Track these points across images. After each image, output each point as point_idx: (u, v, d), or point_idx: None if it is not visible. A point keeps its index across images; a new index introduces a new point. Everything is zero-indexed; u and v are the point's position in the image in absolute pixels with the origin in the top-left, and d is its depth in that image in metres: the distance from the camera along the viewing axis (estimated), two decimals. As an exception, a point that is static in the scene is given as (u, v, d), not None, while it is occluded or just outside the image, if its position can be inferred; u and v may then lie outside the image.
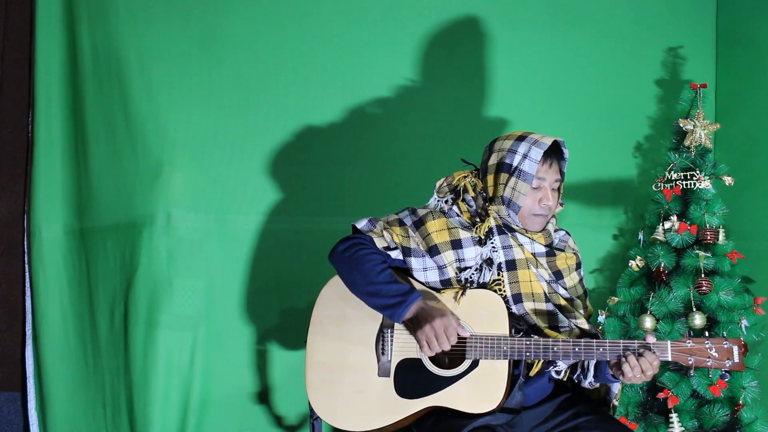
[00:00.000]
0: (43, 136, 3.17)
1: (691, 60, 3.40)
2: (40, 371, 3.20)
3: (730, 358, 2.13)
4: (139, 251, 3.06)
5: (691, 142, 3.03)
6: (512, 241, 2.34)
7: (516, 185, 2.27)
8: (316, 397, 2.30)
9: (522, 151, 2.27)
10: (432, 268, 2.32)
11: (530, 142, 2.27)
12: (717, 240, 2.97)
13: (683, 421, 2.87)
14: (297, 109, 3.19)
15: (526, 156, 2.26)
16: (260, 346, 3.13)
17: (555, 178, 2.31)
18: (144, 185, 3.08)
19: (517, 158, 2.27)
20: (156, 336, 3.02)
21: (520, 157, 2.26)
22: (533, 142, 2.26)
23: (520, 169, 2.26)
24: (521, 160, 2.26)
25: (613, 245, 3.34)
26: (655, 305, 2.93)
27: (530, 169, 2.25)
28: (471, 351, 2.20)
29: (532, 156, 2.25)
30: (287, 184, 3.18)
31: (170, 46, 3.12)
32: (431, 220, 2.36)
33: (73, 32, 3.16)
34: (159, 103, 3.10)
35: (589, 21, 3.39)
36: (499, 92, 3.30)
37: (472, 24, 3.30)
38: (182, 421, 3.05)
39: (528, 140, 2.27)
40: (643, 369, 2.11)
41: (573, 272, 2.41)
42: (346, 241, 2.34)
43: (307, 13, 3.21)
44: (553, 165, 2.29)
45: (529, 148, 2.26)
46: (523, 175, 2.26)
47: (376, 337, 2.29)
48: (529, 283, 2.31)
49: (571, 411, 2.27)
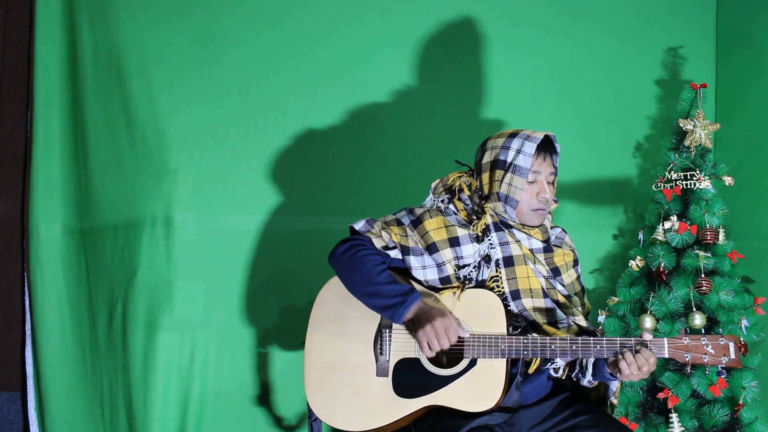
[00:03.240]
0: (42, 135, 3.17)
1: (691, 60, 3.40)
2: (38, 371, 3.20)
3: (726, 355, 2.13)
4: (139, 251, 3.05)
5: (691, 142, 3.02)
6: (509, 238, 2.34)
7: (512, 180, 2.28)
8: (315, 397, 2.30)
9: (515, 147, 2.28)
10: (431, 266, 2.32)
11: (522, 137, 2.29)
12: (717, 240, 2.97)
13: (683, 421, 2.87)
14: (297, 109, 3.19)
15: (519, 151, 2.27)
16: (260, 348, 3.13)
17: (549, 171, 2.33)
18: (143, 185, 3.08)
19: (511, 154, 2.28)
20: (156, 336, 3.02)
21: (514, 152, 2.28)
22: (525, 137, 2.28)
23: (514, 164, 2.28)
24: (515, 155, 2.28)
25: (613, 245, 3.34)
26: (655, 305, 2.93)
27: (525, 163, 2.27)
28: (469, 350, 2.20)
29: (526, 150, 2.26)
30: (287, 184, 3.18)
31: (170, 46, 3.12)
32: (429, 219, 2.36)
33: (73, 32, 3.17)
34: (159, 103, 3.10)
35: (588, 21, 3.39)
36: (498, 92, 3.30)
37: (471, 24, 3.31)
38: (182, 421, 3.04)
39: (520, 136, 2.30)
40: (640, 365, 2.11)
41: (570, 269, 2.42)
42: (344, 243, 2.34)
43: (306, 13, 3.21)
44: (546, 158, 2.31)
45: (522, 143, 2.28)
46: (518, 170, 2.27)
47: (374, 337, 2.29)
48: (527, 279, 2.32)
49: (569, 410, 2.27)
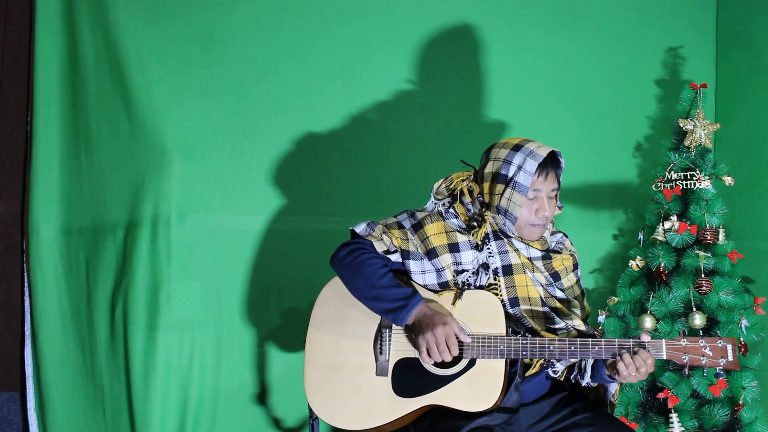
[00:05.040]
0: (42, 135, 3.17)
1: (691, 60, 3.40)
2: (38, 371, 3.21)
3: (724, 357, 2.13)
4: (140, 252, 3.05)
5: (691, 142, 3.02)
6: (508, 247, 2.33)
7: (511, 196, 2.25)
8: (315, 396, 2.30)
9: (517, 162, 2.24)
10: (430, 270, 2.33)
11: (525, 153, 2.24)
12: (717, 240, 2.97)
13: (683, 421, 2.86)
14: (297, 109, 3.19)
15: (521, 168, 2.23)
16: (259, 348, 3.13)
17: (551, 188, 2.29)
18: (143, 185, 3.08)
19: (513, 169, 2.25)
20: (156, 337, 3.02)
21: (515, 168, 2.24)
22: (528, 153, 2.24)
23: (515, 180, 2.24)
24: (516, 171, 2.24)
25: (613, 245, 3.34)
26: (655, 305, 2.93)
27: (525, 181, 2.23)
28: (468, 350, 2.20)
29: (527, 168, 2.23)
30: (287, 184, 3.18)
31: (170, 45, 3.13)
32: (430, 224, 2.36)
33: (73, 32, 3.17)
34: (159, 102, 3.10)
35: (588, 21, 3.39)
36: (498, 92, 3.30)
37: (471, 24, 3.30)
38: (181, 421, 3.04)
39: (523, 151, 2.25)
40: (638, 367, 2.11)
41: (570, 273, 2.41)
42: (346, 246, 2.35)
43: (306, 13, 3.21)
44: (549, 176, 2.27)
45: (524, 160, 2.23)
46: (519, 186, 2.24)
47: (374, 337, 2.30)
48: (525, 288, 2.31)
49: (568, 409, 2.28)
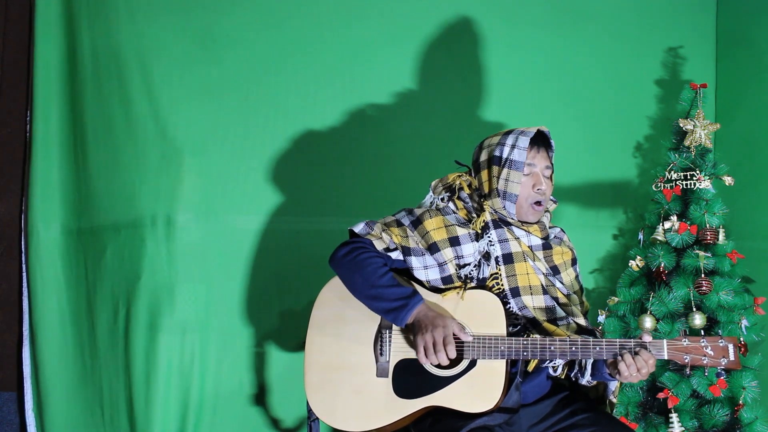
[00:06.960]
0: (41, 135, 3.16)
1: (691, 60, 3.40)
2: (37, 371, 3.20)
3: (725, 357, 2.13)
4: (140, 253, 3.04)
5: (691, 142, 3.02)
6: (508, 235, 2.35)
7: (509, 175, 2.31)
8: (315, 397, 2.30)
9: (510, 142, 2.33)
10: (432, 266, 2.33)
11: (516, 133, 2.35)
12: (717, 240, 2.97)
13: (683, 421, 2.86)
14: (296, 109, 3.19)
15: (514, 146, 2.32)
16: (259, 348, 3.13)
17: (545, 165, 2.37)
18: (143, 185, 3.07)
19: (506, 149, 2.33)
20: (157, 338, 3.02)
21: (509, 147, 2.33)
22: (520, 133, 2.34)
23: (510, 159, 2.32)
24: (510, 150, 2.32)
25: (613, 245, 3.34)
26: (655, 305, 2.93)
27: (520, 157, 2.31)
28: (469, 351, 2.20)
29: (520, 144, 2.31)
30: (287, 184, 3.17)
31: (170, 45, 3.12)
32: (429, 219, 2.37)
33: (73, 32, 3.16)
34: (159, 102, 3.09)
35: (588, 21, 3.39)
36: (498, 92, 3.30)
37: (471, 24, 3.30)
38: (182, 422, 3.04)
39: (514, 132, 2.35)
40: (639, 367, 2.12)
41: (569, 268, 2.43)
42: (345, 246, 2.35)
43: (306, 13, 3.21)
44: (541, 151, 2.36)
45: (516, 138, 2.33)
46: (514, 164, 2.31)
47: (374, 338, 2.30)
48: (527, 276, 2.33)
49: (568, 409, 2.28)
